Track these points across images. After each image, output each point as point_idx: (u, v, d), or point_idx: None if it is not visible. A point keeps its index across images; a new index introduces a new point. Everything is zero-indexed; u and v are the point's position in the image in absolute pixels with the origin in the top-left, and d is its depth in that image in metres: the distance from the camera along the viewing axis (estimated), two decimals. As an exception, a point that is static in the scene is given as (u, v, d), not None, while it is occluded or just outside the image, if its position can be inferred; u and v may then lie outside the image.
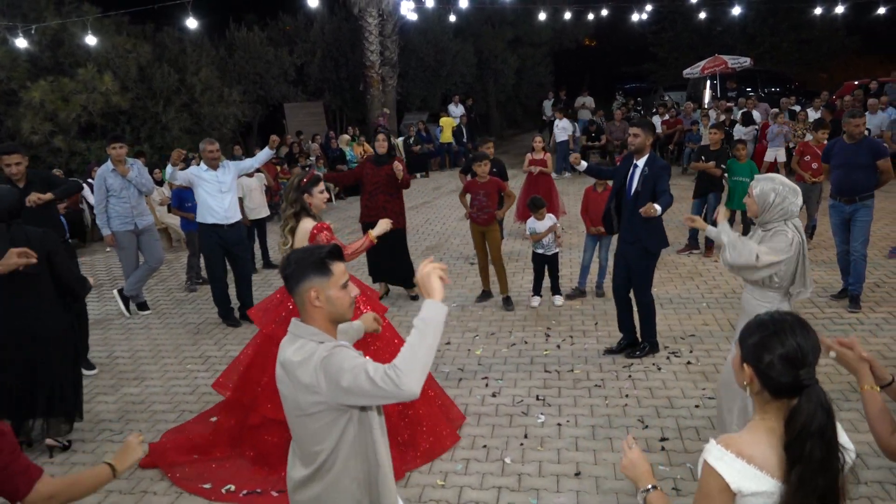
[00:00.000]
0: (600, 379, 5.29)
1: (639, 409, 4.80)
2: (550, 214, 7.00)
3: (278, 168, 11.91)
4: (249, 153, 11.71)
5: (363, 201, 7.19)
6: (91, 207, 9.86)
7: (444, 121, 17.78)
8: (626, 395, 5.00)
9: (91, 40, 12.66)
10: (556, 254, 6.97)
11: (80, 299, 4.95)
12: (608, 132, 16.41)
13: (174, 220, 9.77)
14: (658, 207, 5.00)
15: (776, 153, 12.73)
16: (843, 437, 1.80)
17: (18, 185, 5.66)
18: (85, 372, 5.88)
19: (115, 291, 7.59)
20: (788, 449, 1.72)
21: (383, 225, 4.66)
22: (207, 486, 4.13)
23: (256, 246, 9.12)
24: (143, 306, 7.54)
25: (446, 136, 17.54)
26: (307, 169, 13.08)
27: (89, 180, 10.44)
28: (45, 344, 4.36)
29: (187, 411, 5.09)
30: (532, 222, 6.91)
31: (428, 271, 2.16)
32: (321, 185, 4.37)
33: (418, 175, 16.37)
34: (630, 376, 5.30)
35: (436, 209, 12.57)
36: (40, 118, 13.06)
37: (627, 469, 2.02)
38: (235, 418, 4.43)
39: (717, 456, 1.77)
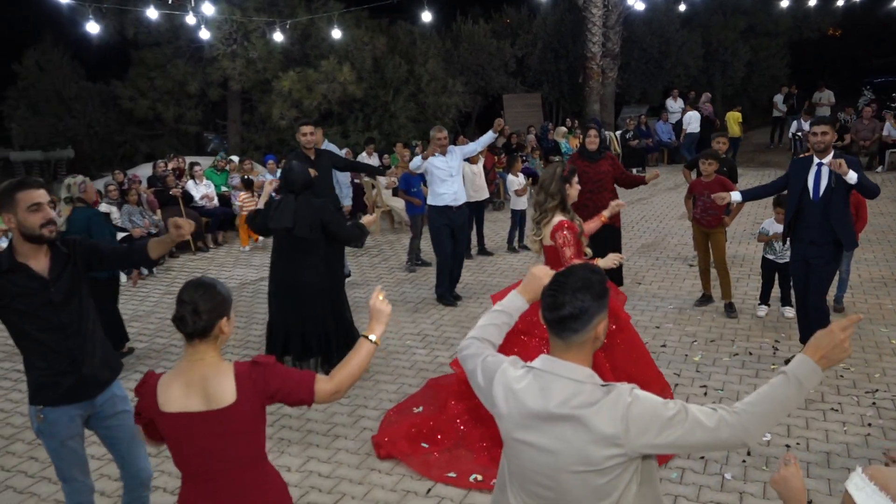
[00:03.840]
0: (837, 402, 4.82)
1: (884, 440, 4.31)
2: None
3: (496, 158, 12.17)
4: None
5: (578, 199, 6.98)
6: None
7: (730, 115, 16.86)
8: (869, 424, 4.50)
9: (336, 34, 13.74)
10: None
11: (362, 244, 5.65)
12: (854, 131, 14.80)
13: (399, 204, 10.36)
14: (847, 169, 4.75)
15: None
16: None
17: (310, 155, 6.59)
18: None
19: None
20: None
21: (614, 208, 4.64)
22: (452, 475, 4.05)
23: (473, 233, 9.34)
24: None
25: (734, 131, 16.41)
26: (524, 161, 13.23)
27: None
28: (303, 293, 5.17)
29: (406, 384, 5.39)
30: (768, 223, 6.42)
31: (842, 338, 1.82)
32: (576, 176, 4.37)
33: (634, 170, 15.91)
34: (874, 403, 4.77)
35: (652, 206, 12.15)
36: (287, 105, 14.52)
37: (778, 484, 1.78)
38: (465, 403, 4.35)
39: (858, 485, 1.63)
